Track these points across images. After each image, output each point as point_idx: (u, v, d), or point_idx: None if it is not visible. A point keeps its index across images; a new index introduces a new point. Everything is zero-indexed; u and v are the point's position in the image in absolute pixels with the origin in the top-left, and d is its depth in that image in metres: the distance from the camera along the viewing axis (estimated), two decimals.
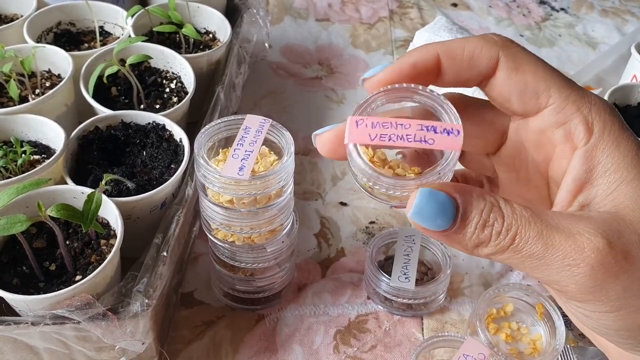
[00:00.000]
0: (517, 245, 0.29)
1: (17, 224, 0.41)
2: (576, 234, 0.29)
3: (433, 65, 0.33)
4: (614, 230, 0.29)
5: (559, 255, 0.29)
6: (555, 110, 0.32)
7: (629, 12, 1.09)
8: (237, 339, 0.54)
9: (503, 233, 0.29)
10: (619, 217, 0.30)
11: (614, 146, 0.31)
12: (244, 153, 0.44)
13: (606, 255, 0.28)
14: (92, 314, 0.42)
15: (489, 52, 0.32)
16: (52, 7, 0.69)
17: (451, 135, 0.31)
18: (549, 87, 0.32)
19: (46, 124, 0.55)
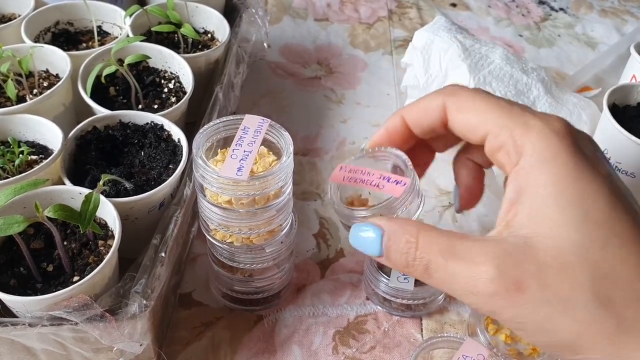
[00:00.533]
0: (430, 272, 0.34)
1: (15, 224, 0.41)
2: (478, 263, 0.32)
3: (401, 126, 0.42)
4: (513, 259, 0.32)
5: (462, 283, 0.33)
6: (493, 137, 0.36)
7: (628, 12, 1.09)
8: (235, 340, 0.54)
9: (417, 260, 0.34)
10: (529, 244, 0.32)
11: (542, 169, 0.33)
12: (243, 153, 0.44)
13: (498, 284, 0.31)
14: (90, 315, 0.42)
15: (436, 102, 0.39)
16: (50, 7, 0.69)
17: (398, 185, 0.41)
18: (486, 119, 0.36)
19: (44, 124, 0.54)
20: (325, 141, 0.75)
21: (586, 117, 0.70)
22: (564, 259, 0.31)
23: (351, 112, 0.81)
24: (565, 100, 0.71)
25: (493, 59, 0.72)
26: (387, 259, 0.36)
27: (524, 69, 0.73)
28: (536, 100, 0.70)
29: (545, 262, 0.31)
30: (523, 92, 0.70)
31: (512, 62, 0.72)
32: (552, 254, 0.31)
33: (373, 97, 0.84)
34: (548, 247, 0.32)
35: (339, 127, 0.78)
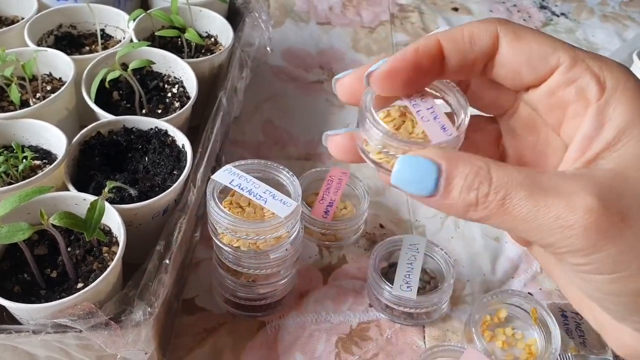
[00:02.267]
0: (507, 208, 0.29)
1: (19, 232, 0.41)
2: (571, 194, 0.28)
3: (435, 50, 0.33)
4: (613, 190, 0.28)
5: (552, 217, 0.28)
6: (566, 69, 0.32)
7: (629, 17, 1.09)
8: (238, 347, 0.54)
9: (491, 195, 0.29)
10: (623, 176, 0.29)
11: (627, 102, 0.30)
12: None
13: (600, 216, 0.28)
14: (94, 323, 0.42)
15: (487, 29, 0.33)
16: (53, 10, 0.69)
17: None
18: (556, 49, 0.32)
19: (47, 129, 0.54)
20: None
21: None
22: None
23: (353, 117, 0.81)
24: None
25: None
26: (445, 197, 0.30)
27: None
28: None
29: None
30: None
31: None
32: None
33: None
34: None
35: None
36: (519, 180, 0.29)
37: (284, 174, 0.51)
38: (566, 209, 0.28)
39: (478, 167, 0.29)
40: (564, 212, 0.28)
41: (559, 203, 0.28)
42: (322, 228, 0.62)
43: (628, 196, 0.28)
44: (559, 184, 0.29)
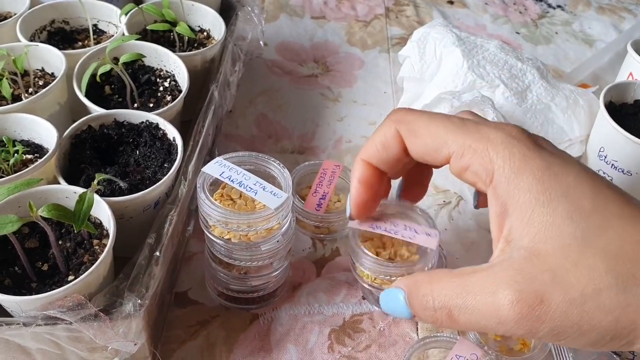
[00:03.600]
0: (454, 320, 0.33)
1: (9, 224, 0.41)
2: (494, 292, 0.31)
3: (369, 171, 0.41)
4: (527, 273, 0.31)
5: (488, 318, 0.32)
6: (457, 158, 0.36)
7: (626, 9, 1.09)
8: (231, 339, 0.54)
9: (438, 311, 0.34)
10: (534, 253, 0.31)
11: (517, 177, 0.33)
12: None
13: (522, 306, 0.31)
14: (84, 315, 0.42)
15: (391, 134, 0.39)
16: (46, 5, 0.69)
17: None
18: (445, 141, 0.36)
19: (39, 123, 0.54)
20: (322, 140, 0.75)
21: (583, 102, 0.70)
22: (574, 254, 0.31)
23: (348, 111, 0.81)
24: (561, 87, 0.71)
25: (488, 48, 0.72)
26: (418, 319, 0.36)
27: (519, 57, 0.73)
28: (531, 84, 0.70)
29: (557, 264, 0.31)
30: (517, 76, 0.70)
31: (507, 51, 0.72)
32: (561, 254, 0.31)
33: (370, 95, 0.84)
34: (555, 248, 0.31)
35: (335, 126, 0.78)
36: (455, 290, 0.33)
37: (275, 166, 0.51)
38: (495, 310, 0.31)
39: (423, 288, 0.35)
40: (494, 313, 0.32)
41: (488, 305, 0.32)
42: (316, 221, 0.62)
43: (540, 273, 0.31)
44: (484, 283, 0.32)
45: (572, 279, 0.30)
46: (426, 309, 0.34)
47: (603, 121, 0.63)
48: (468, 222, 0.66)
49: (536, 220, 0.32)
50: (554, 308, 0.30)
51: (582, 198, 0.32)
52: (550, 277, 0.30)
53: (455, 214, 0.67)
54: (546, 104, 0.68)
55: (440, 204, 0.68)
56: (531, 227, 0.32)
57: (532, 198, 0.32)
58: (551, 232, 0.31)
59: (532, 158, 0.33)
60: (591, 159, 0.66)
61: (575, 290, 0.30)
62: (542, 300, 0.30)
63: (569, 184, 0.32)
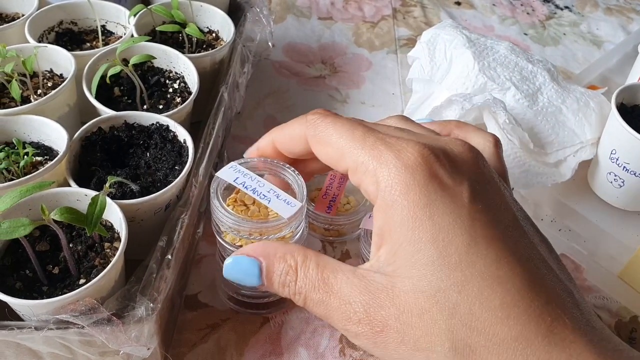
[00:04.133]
0: (308, 306, 0.34)
1: (20, 227, 0.41)
2: (347, 302, 0.32)
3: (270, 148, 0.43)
4: (378, 300, 0.32)
5: (337, 320, 0.33)
6: (352, 173, 0.35)
7: (634, 10, 1.09)
8: (242, 342, 0.53)
9: (297, 295, 0.35)
10: (391, 285, 0.32)
11: (394, 209, 0.32)
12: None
13: (364, 325, 0.32)
14: (97, 319, 0.41)
15: (299, 131, 0.39)
16: (54, 6, 0.69)
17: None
18: (343, 155, 0.35)
19: (48, 125, 0.54)
20: None
21: (594, 104, 0.69)
22: (423, 303, 0.30)
23: (356, 112, 0.80)
24: (572, 89, 0.71)
25: (498, 50, 0.72)
26: (269, 287, 0.36)
27: (530, 59, 0.72)
28: (542, 87, 0.69)
29: (405, 305, 0.31)
30: (528, 78, 0.70)
31: (517, 53, 0.72)
32: (411, 296, 0.31)
33: (377, 97, 0.83)
34: (408, 289, 0.31)
35: None
36: (316, 282, 0.34)
37: (289, 173, 0.50)
38: (344, 317, 0.33)
39: (288, 267, 0.35)
40: (343, 318, 0.33)
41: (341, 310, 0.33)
42: (326, 223, 0.62)
43: (389, 306, 0.31)
44: (343, 289, 0.33)
45: (413, 324, 0.30)
46: (285, 287, 0.35)
47: (615, 123, 0.63)
48: None
49: (401, 256, 0.32)
50: (389, 341, 0.31)
51: (451, 247, 0.30)
52: (396, 313, 0.31)
53: None
54: (557, 107, 0.68)
55: None
56: (397, 259, 0.32)
57: (402, 233, 0.32)
58: (411, 272, 0.31)
59: (413, 192, 0.32)
60: (602, 162, 0.66)
61: (412, 336, 0.30)
62: (382, 331, 0.31)
63: (442, 229, 0.31)
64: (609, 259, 0.61)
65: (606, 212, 0.68)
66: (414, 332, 0.30)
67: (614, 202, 0.67)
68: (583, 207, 0.67)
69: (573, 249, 0.62)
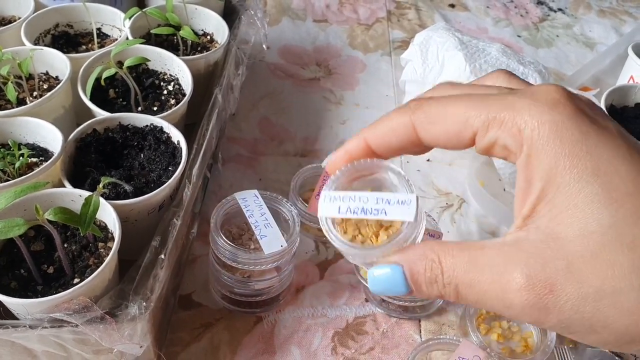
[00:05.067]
0: (461, 296, 0.31)
1: (15, 227, 0.41)
2: (503, 273, 0.29)
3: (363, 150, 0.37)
4: (539, 258, 0.28)
5: (495, 299, 0.30)
6: (483, 134, 0.32)
7: (626, 12, 1.10)
8: (235, 341, 0.54)
9: (447, 287, 0.31)
10: (552, 237, 0.29)
11: (543, 149, 0.29)
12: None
13: (529, 293, 0.28)
14: (90, 317, 0.42)
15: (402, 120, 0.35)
16: (50, 9, 0.69)
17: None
18: (467, 118, 0.32)
19: (44, 126, 0.55)
20: (325, 142, 0.76)
21: None
22: (595, 244, 0.27)
23: (350, 114, 0.81)
24: None
25: (490, 52, 0.73)
26: (418, 293, 0.33)
27: (521, 61, 0.73)
28: None
29: (575, 253, 0.28)
30: None
31: (509, 55, 0.73)
32: (580, 241, 0.28)
33: (372, 98, 0.84)
34: (575, 234, 0.28)
35: (338, 129, 0.78)
36: (464, 265, 0.31)
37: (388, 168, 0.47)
38: (503, 293, 0.29)
39: (431, 261, 0.32)
40: (502, 295, 0.29)
41: (497, 286, 0.29)
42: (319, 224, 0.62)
43: (554, 260, 0.28)
44: (494, 261, 0.30)
45: (588, 271, 0.27)
46: (433, 283, 0.32)
47: None
48: (470, 225, 0.67)
49: (559, 200, 0.29)
50: (564, 300, 0.28)
51: (616, 179, 0.28)
52: (565, 266, 0.28)
53: (458, 217, 0.67)
54: None
55: (442, 206, 0.68)
56: (553, 207, 0.29)
57: (558, 175, 0.29)
58: (574, 215, 0.28)
59: (565, 128, 0.29)
60: None
61: (590, 284, 0.27)
62: (551, 290, 0.28)
63: (602, 161, 0.28)
64: None
65: None
66: (592, 280, 0.27)
67: None
68: None
69: None
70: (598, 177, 0.28)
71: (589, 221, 0.28)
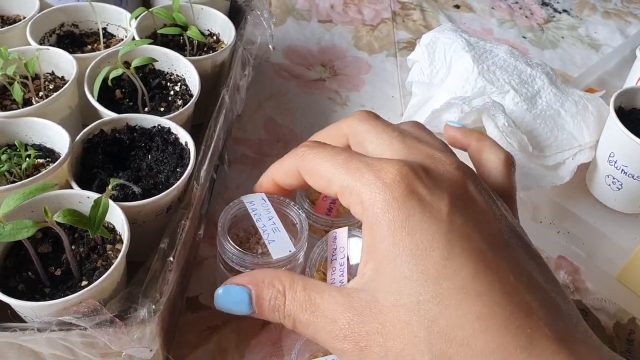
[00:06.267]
0: (297, 328, 0.35)
1: (24, 229, 0.41)
2: (333, 320, 0.33)
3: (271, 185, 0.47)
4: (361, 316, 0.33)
5: (324, 338, 0.34)
6: (340, 196, 0.37)
7: (632, 14, 1.09)
8: (242, 344, 0.54)
9: (286, 319, 0.36)
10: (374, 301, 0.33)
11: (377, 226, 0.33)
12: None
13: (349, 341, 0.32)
14: (99, 321, 0.42)
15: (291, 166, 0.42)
16: (55, 9, 0.69)
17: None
18: (330, 182, 0.37)
19: (50, 127, 0.54)
20: None
21: (592, 108, 0.70)
22: (404, 316, 0.31)
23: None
24: (570, 93, 0.71)
25: (497, 53, 0.72)
26: (260, 316, 0.37)
27: (529, 63, 0.73)
28: (541, 90, 0.70)
29: (387, 320, 0.32)
30: (527, 81, 0.70)
31: (516, 57, 0.73)
32: (393, 310, 0.32)
33: (377, 99, 0.84)
34: (390, 303, 0.32)
35: None
36: (303, 303, 0.35)
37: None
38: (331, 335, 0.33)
39: (277, 292, 0.36)
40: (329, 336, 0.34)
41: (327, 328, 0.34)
42: (326, 225, 0.62)
43: (372, 322, 0.32)
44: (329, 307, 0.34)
45: (395, 338, 0.31)
46: (275, 311, 0.36)
47: (613, 126, 0.63)
48: None
49: (383, 271, 0.33)
50: (373, 356, 0.32)
51: (428, 261, 0.31)
52: (380, 328, 0.32)
53: None
54: (556, 110, 0.68)
55: None
56: (379, 275, 0.33)
57: (383, 249, 0.33)
58: (392, 287, 0.32)
59: (392, 209, 0.33)
60: (601, 165, 0.66)
61: (394, 350, 0.31)
62: (366, 346, 0.32)
63: (418, 243, 0.32)
64: (607, 261, 0.62)
65: (604, 214, 0.68)
66: (396, 345, 0.31)
67: (612, 205, 0.68)
68: (581, 210, 0.68)
69: (571, 251, 0.63)
70: (414, 257, 0.32)
71: (402, 295, 0.31)
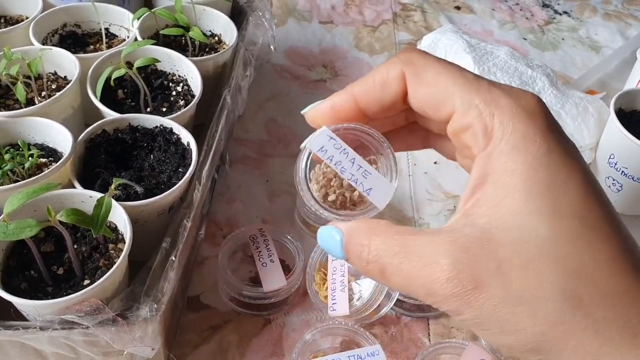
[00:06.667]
0: (385, 277, 0.32)
1: (27, 228, 0.41)
2: (432, 263, 0.30)
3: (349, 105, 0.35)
4: (472, 254, 0.29)
5: (419, 285, 0.30)
6: (459, 116, 0.32)
7: (632, 16, 1.10)
8: (243, 343, 0.54)
9: (371, 265, 0.32)
10: (486, 238, 0.29)
11: (508, 154, 0.30)
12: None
13: (455, 285, 0.29)
14: (101, 319, 0.42)
15: (394, 74, 0.34)
16: (58, 9, 0.69)
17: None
18: (451, 94, 0.32)
19: (53, 126, 0.54)
20: None
21: (593, 109, 0.70)
22: (528, 254, 0.28)
23: None
24: (571, 94, 0.71)
25: (498, 55, 0.73)
26: (350, 262, 0.34)
27: (529, 64, 0.73)
28: (541, 92, 0.70)
29: (505, 258, 0.29)
30: (527, 83, 0.70)
31: (517, 58, 0.73)
32: (513, 248, 0.29)
33: None
34: (509, 240, 0.29)
35: None
36: (394, 248, 0.31)
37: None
38: (428, 281, 0.30)
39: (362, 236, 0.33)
40: (426, 283, 0.30)
41: (423, 272, 0.30)
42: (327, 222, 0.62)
43: (485, 260, 0.29)
44: (425, 250, 0.30)
45: (515, 277, 0.28)
46: (360, 259, 0.33)
47: (614, 128, 0.63)
48: None
49: (506, 206, 0.29)
50: (486, 298, 0.29)
51: (564, 198, 0.29)
52: (495, 267, 0.29)
53: None
54: (556, 111, 0.68)
55: (450, 209, 0.68)
56: (497, 210, 0.29)
57: (513, 182, 0.29)
58: (514, 222, 0.29)
59: (534, 140, 0.30)
60: (601, 166, 0.67)
61: (514, 289, 0.28)
62: (477, 287, 0.29)
63: (557, 180, 0.29)
64: None
65: None
66: (515, 285, 0.28)
67: None
68: None
69: None
70: (548, 193, 0.29)
71: (526, 231, 0.29)
